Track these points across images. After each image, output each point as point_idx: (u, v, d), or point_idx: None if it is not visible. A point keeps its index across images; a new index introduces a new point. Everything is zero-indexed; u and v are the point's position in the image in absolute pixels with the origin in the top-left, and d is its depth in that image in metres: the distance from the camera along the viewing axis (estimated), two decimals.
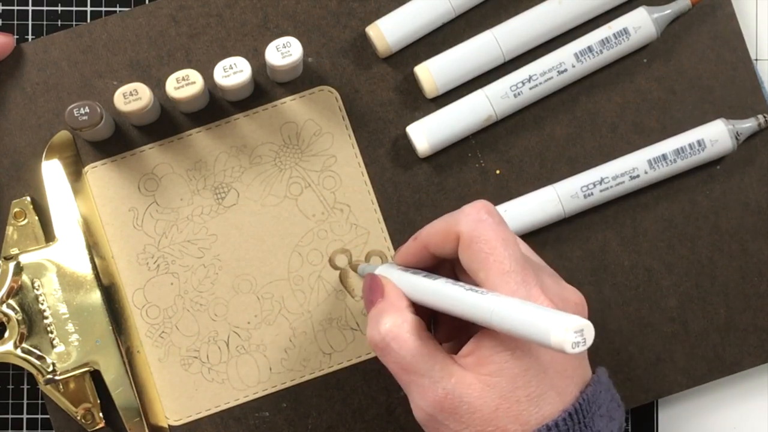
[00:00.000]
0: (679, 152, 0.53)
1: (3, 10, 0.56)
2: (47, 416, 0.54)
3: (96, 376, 0.52)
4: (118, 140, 0.54)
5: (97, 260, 0.53)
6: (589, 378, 0.43)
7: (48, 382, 0.51)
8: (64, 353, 0.51)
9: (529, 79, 0.53)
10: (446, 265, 0.46)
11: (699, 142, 0.53)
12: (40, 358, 0.51)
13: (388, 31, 0.54)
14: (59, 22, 0.56)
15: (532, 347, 0.40)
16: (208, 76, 0.53)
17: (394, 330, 0.42)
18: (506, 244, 0.41)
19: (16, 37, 0.54)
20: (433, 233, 0.44)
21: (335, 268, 0.54)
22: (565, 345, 0.35)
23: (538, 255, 0.54)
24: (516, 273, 0.41)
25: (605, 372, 0.44)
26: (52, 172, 0.53)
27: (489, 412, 0.40)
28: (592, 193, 0.53)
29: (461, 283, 0.41)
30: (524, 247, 0.47)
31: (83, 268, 0.52)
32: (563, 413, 0.40)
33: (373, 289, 0.45)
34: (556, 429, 0.40)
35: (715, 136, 0.53)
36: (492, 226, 0.42)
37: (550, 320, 0.36)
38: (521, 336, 0.37)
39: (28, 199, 0.53)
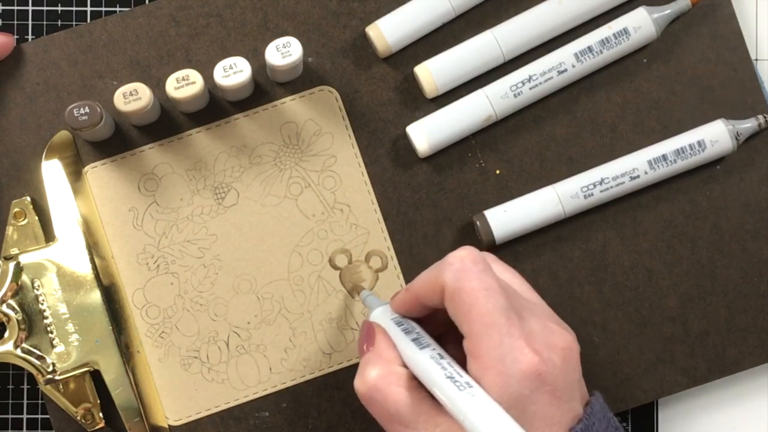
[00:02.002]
0: (679, 152, 0.53)
1: (3, 10, 0.56)
2: (47, 416, 0.54)
3: (96, 376, 0.52)
4: (118, 140, 0.54)
5: (97, 260, 0.53)
6: (580, 414, 0.42)
7: (48, 382, 0.51)
8: (64, 353, 0.51)
9: (529, 79, 0.53)
10: (442, 312, 0.44)
11: (699, 143, 0.53)
12: (40, 358, 0.51)
13: (388, 31, 0.54)
14: (59, 22, 0.56)
15: (517, 401, 0.40)
16: (208, 76, 0.53)
17: (379, 382, 0.42)
18: (489, 295, 0.41)
19: (16, 37, 0.54)
20: (421, 285, 0.44)
21: (335, 268, 0.54)
22: None
23: (540, 256, 0.54)
24: (498, 325, 0.40)
25: (600, 399, 0.44)
26: (52, 172, 0.53)
27: None
28: (592, 194, 0.53)
29: (445, 362, 0.41)
30: (516, 281, 0.46)
31: (83, 268, 0.52)
32: None
33: (366, 336, 0.45)
34: None
35: (715, 136, 0.53)
36: (475, 275, 0.41)
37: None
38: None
39: (28, 199, 0.53)
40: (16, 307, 0.52)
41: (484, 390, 0.40)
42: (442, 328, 0.46)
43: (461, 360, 0.42)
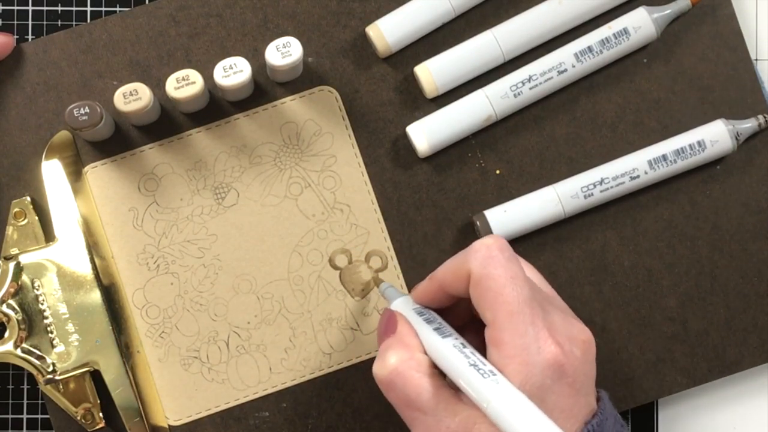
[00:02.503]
0: (679, 153, 0.53)
1: (3, 10, 0.56)
2: (47, 416, 0.54)
3: (96, 376, 0.52)
4: (118, 140, 0.54)
5: (97, 260, 0.53)
6: (595, 408, 0.42)
7: (48, 382, 0.51)
8: (64, 353, 0.51)
9: (529, 79, 0.53)
10: (463, 303, 0.45)
11: (699, 143, 0.53)
12: (40, 358, 0.51)
13: (388, 31, 0.54)
14: (59, 22, 0.56)
15: (540, 390, 0.40)
16: (208, 76, 0.53)
17: (400, 367, 0.42)
18: (515, 283, 0.41)
19: (16, 37, 0.54)
20: (447, 272, 0.43)
21: (335, 268, 0.54)
22: None
23: (540, 256, 0.54)
24: (523, 314, 0.40)
25: (607, 396, 0.44)
26: (52, 172, 0.53)
27: None
28: (592, 194, 0.53)
29: (468, 351, 0.41)
30: (536, 277, 0.46)
31: (83, 268, 0.52)
32: None
33: (387, 324, 0.45)
34: None
35: (715, 136, 0.53)
36: (501, 263, 0.41)
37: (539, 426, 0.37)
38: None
39: (28, 199, 0.53)
40: (16, 307, 0.52)
41: (507, 378, 0.40)
42: (462, 320, 0.46)
43: (482, 351, 0.42)
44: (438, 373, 0.42)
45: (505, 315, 0.40)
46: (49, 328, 0.52)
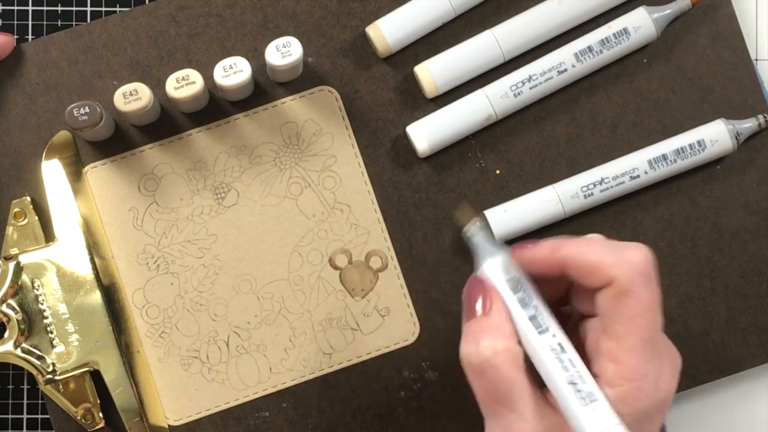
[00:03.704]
0: (679, 152, 0.53)
1: (3, 10, 0.56)
2: (47, 416, 0.54)
3: (96, 376, 0.52)
4: (118, 140, 0.54)
5: (97, 260, 0.53)
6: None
7: (48, 382, 0.51)
8: (64, 353, 0.51)
9: (529, 79, 0.53)
10: (563, 283, 0.43)
11: (699, 143, 0.53)
12: (40, 358, 0.51)
13: (388, 31, 0.54)
14: (59, 22, 0.56)
15: (641, 421, 0.39)
16: (208, 76, 0.53)
17: (496, 357, 0.40)
18: (655, 312, 0.39)
19: (16, 37, 0.54)
20: (583, 260, 0.40)
21: (335, 268, 0.54)
22: None
23: None
24: (655, 343, 0.39)
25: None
26: (52, 172, 0.53)
27: None
28: (592, 193, 0.53)
29: (566, 358, 0.39)
30: None
31: (83, 268, 0.52)
32: None
33: (479, 298, 0.42)
34: None
35: (715, 136, 0.53)
36: (651, 284, 0.39)
37: None
38: None
39: (28, 199, 0.53)
40: (16, 307, 0.52)
41: (609, 401, 0.39)
42: (554, 291, 0.44)
43: (564, 323, 0.41)
44: (531, 368, 0.40)
45: (638, 339, 0.39)
46: (49, 328, 0.52)
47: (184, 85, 0.51)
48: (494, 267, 0.42)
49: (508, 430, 0.40)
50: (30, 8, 0.56)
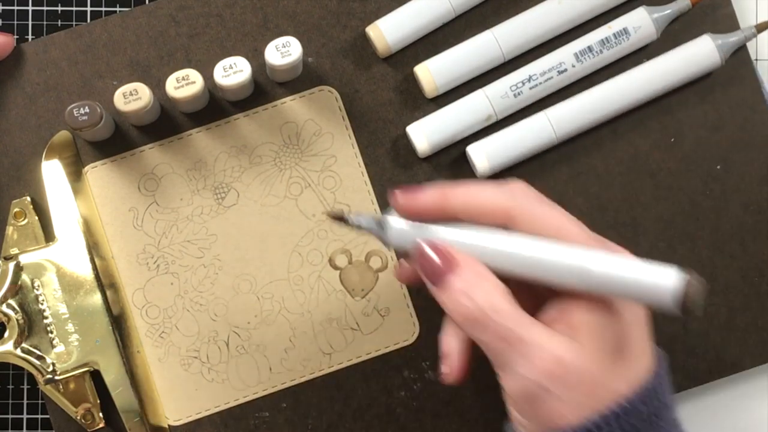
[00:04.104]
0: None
1: (3, 10, 0.56)
2: (47, 416, 0.54)
3: (96, 376, 0.52)
4: (118, 140, 0.54)
5: (97, 260, 0.53)
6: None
7: (48, 382, 0.51)
8: (64, 353, 0.51)
9: (529, 79, 0.53)
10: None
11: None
12: (40, 358, 0.51)
13: (388, 31, 0.54)
14: (59, 22, 0.56)
15: (620, 309, 0.40)
16: (208, 76, 0.53)
17: (491, 300, 0.40)
18: (570, 220, 0.41)
19: (16, 37, 0.54)
20: (474, 198, 0.42)
21: (335, 268, 0.54)
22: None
23: None
24: (598, 242, 0.41)
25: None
26: (52, 172, 0.53)
27: (599, 374, 0.39)
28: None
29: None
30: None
31: (83, 268, 0.52)
32: (659, 369, 0.40)
33: (441, 258, 0.41)
34: (653, 391, 0.40)
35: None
36: (549, 203, 0.41)
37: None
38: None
39: (28, 199, 0.53)
40: (16, 307, 0.52)
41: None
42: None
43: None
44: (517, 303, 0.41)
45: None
46: (49, 328, 0.52)
47: (184, 85, 0.51)
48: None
49: (532, 363, 0.39)
50: (30, 8, 0.56)
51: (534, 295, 0.43)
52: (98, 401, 0.52)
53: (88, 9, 0.56)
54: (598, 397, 0.39)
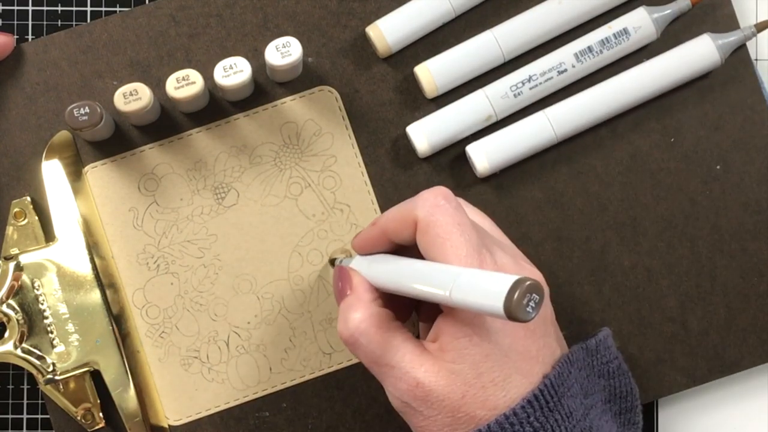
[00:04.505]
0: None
1: (3, 10, 0.56)
2: (47, 416, 0.54)
3: (96, 376, 0.52)
4: (118, 140, 0.54)
5: (97, 260, 0.53)
6: (559, 357, 0.43)
7: (48, 382, 0.51)
8: (64, 353, 0.51)
9: (529, 79, 0.53)
10: (407, 253, 0.46)
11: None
12: (40, 358, 0.51)
13: (388, 31, 0.54)
14: (59, 22, 0.56)
15: (490, 331, 0.41)
16: (208, 76, 0.53)
17: (362, 325, 0.43)
18: (462, 229, 0.42)
19: (16, 37, 0.54)
20: (391, 219, 0.44)
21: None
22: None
23: (540, 256, 0.54)
24: (472, 257, 0.41)
25: (582, 350, 0.45)
26: (52, 172, 0.53)
27: (457, 399, 0.41)
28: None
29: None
30: (485, 222, 0.47)
31: (83, 268, 0.52)
32: (523, 400, 0.40)
33: (342, 280, 0.46)
34: (515, 417, 0.40)
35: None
36: (448, 212, 0.42)
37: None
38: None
39: (28, 199, 0.53)
40: (16, 307, 0.52)
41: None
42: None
43: (433, 312, 0.43)
44: (400, 326, 0.43)
45: (453, 259, 0.41)
46: (49, 328, 0.52)
47: (184, 85, 0.51)
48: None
49: (397, 385, 0.42)
50: (30, 8, 0.56)
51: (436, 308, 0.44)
52: (98, 401, 0.52)
53: (88, 9, 0.56)
54: (460, 421, 0.41)
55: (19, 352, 0.51)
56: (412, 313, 0.48)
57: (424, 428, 0.42)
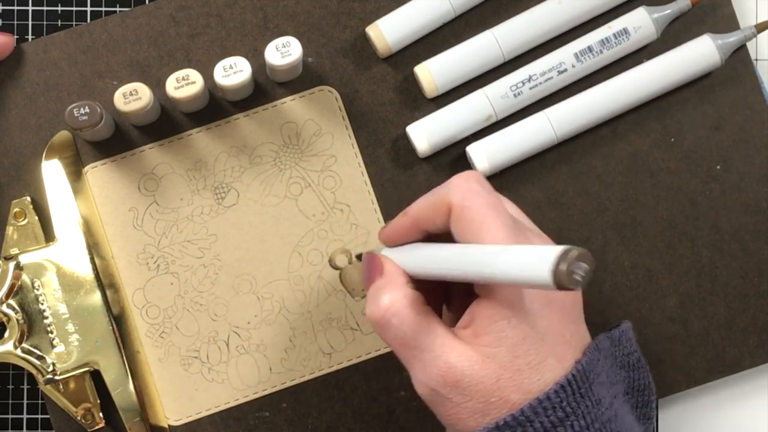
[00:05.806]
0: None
1: (3, 10, 0.56)
2: (47, 416, 0.54)
3: (96, 376, 0.52)
4: (118, 140, 0.54)
5: (97, 260, 0.53)
6: (588, 344, 0.43)
7: (48, 382, 0.51)
8: (64, 353, 0.51)
9: (529, 79, 0.53)
10: (436, 242, 0.45)
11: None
12: (40, 358, 0.51)
13: (388, 31, 0.54)
14: (59, 22, 0.56)
15: (528, 313, 0.40)
16: (208, 76, 0.53)
17: (394, 306, 0.42)
18: (497, 212, 0.41)
19: (16, 37, 0.54)
20: (423, 207, 0.44)
21: (335, 268, 0.54)
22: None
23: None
24: (509, 240, 0.41)
25: (607, 339, 0.44)
26: (52, 172, 0.53)
27: (491, 383, 0.40)
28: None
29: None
30: (513, 209, 0.47)
31: (83, 268, 0.52)
32: (556, 384, 0.40)
33: (372, 267, 0.45)
34: (548, 402, 0.40)
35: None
36: (482, 195, 0.42)
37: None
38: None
39: (28, 199, 0.53)
40: (16, 307, 0.52)
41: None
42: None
43: (465, 301, 0.43)
44: (431, 311, 0.43)
45: (491, 242, 0.40)
46: (49, 328, 0.52)
47: (184, 85, 0.51)
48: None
49: (427, 369, 0.41)
50: (30, 8, 0.56)
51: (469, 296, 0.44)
52: (98, 401, 0.52)
53: (88, 9, 0.56)
54: (492, 406, 0.40)
55: (19, 352, 0.51)
56: (442, 306, 0.47)
57: (453, 416, 0.41)
